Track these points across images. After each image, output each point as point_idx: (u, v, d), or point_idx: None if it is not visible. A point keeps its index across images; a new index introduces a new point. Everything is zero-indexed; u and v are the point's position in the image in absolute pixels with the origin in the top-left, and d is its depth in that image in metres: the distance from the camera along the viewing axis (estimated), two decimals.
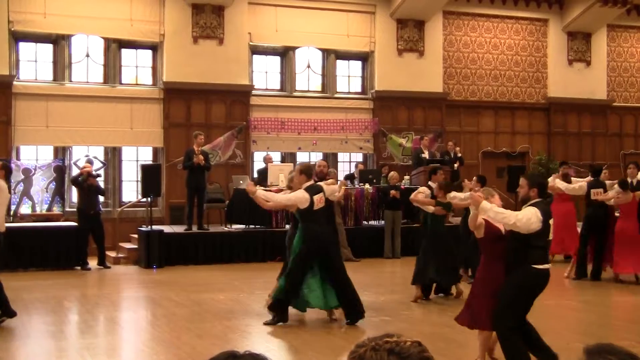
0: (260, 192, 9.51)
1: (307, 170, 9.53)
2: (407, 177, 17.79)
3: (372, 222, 17.48)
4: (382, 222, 16.79)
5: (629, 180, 12.98)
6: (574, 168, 19.33)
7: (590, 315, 10.51)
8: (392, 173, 16.95)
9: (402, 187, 16.84)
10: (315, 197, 9.24)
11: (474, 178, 12.10)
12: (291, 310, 9.42)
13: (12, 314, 9.17)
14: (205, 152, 16.26)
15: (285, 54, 19.86)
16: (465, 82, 21.21)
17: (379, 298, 11.41)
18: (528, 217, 6.55)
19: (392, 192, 16.25)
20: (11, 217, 16.25)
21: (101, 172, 16.71)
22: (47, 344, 8.48)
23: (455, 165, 17.97)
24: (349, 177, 18.61)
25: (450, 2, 20.36)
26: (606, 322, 9.94)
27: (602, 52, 22.56)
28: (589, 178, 13.77)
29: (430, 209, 10.69)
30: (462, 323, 7.44)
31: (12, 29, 17.16)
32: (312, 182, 9.54)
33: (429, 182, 11.65)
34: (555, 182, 13.47)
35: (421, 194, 10.85)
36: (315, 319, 9.54)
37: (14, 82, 17.17)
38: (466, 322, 7.36)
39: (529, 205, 6.72)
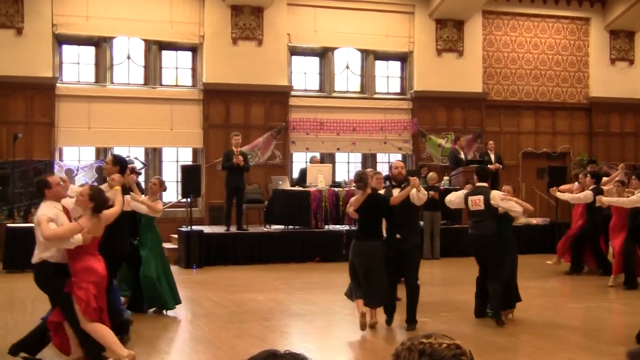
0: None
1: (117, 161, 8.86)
2: (446, 177, 17.69)
3: None
4: (422, 222, 16.71)
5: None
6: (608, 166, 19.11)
7: (634, 318, 10.33)
8: (431, 174, 16.87)
9: (442, 187, 16.73)
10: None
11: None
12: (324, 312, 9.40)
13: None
14: (244, 152, 16.32)
15: (324, 54, 19.89)
16: (505, 82, 21.03)
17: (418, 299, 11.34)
18: None
19: (431, 193, 16.11)
20: None
21: (142, 172, 16.87)
22: None
23: (494, 166, 17.76)
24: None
25: (490, 1, 20.21)
26: None
27: None
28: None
29: None
30: None
31: (56, 32, 17.43)
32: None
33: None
34: (557, 193, 13.43)
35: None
36: (351, 320, 9.52)
37: (57, 84, 17.43)
38: None
39: None
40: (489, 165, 17.61)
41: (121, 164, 8.69)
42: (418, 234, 9.49)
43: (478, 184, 9.95)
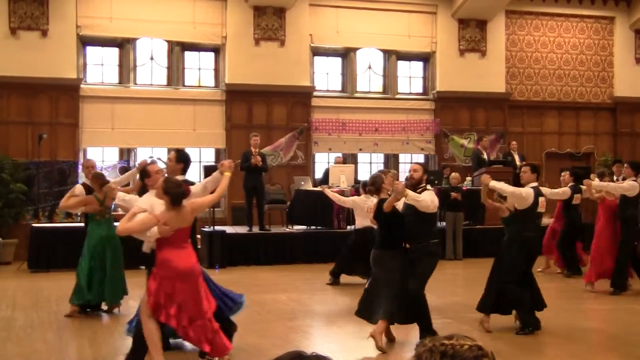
0: None
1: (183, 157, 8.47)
2: (469, 178, 17.64)
3: None
4: (444, 223, 16.66)
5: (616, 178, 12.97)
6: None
7: None
8: (453, 174, 16.84)
9: (464, 188, 16.71)
10: None
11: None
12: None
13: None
14: (262, 153, 16.35)
15: (347, 55, 19.89)
16: (528, 82, 20.93)
17: (441, 300, 11.32)
18: None
19: (453, 194, 16.13)
20: (78, 217, 16.64)
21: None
22: (118, 343, 8.64)
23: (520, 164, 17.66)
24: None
25: (513, 1, 20.12)
26: None
27: None
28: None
29: None
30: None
31: (80, 34, 17.58)
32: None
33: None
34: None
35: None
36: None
37: (81, 85, 17.58)
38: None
39: None
40: (517, 164, 17.62)
41: (185, 161, 8.28)
42: (433, 244, 8.46)
43: (534, 184, 9.14)
